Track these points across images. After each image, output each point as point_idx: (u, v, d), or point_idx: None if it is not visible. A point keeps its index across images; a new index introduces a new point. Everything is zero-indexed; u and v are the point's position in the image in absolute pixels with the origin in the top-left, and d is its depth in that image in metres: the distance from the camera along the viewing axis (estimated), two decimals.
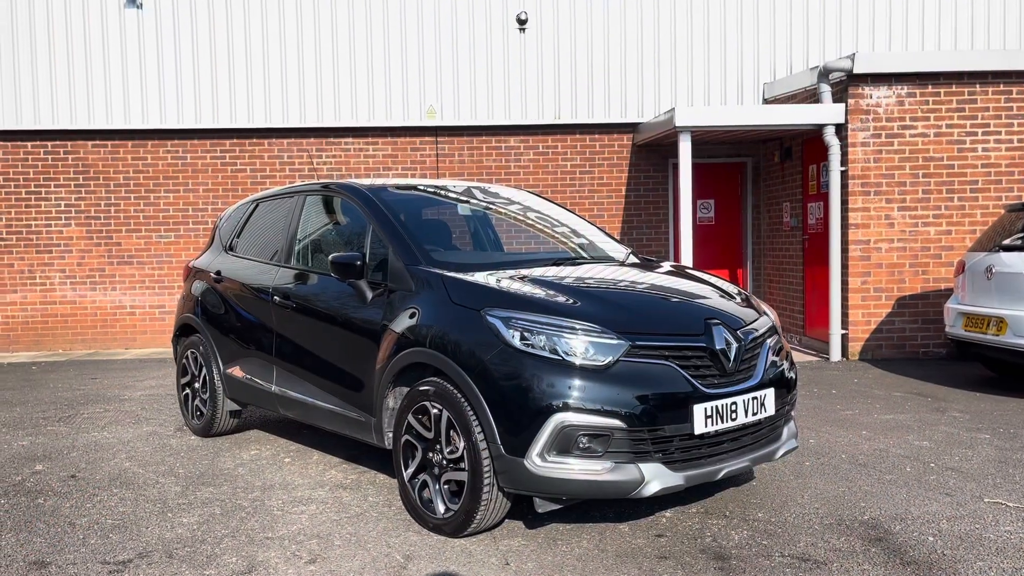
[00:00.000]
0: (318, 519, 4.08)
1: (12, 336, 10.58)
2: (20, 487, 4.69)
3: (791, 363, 4.15)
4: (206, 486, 4.65)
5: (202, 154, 10.59)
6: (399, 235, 4.37)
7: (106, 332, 10.64)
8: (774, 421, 3.94)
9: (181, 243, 10.64)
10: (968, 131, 8.67)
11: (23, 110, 10.34)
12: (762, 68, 10.60)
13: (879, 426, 5.82)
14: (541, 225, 5.35)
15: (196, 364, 5.81)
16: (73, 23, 10.33)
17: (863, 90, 8.64)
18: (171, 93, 10.42)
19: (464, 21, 10.52)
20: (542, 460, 3.44)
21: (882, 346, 8.81)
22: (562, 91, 10.60)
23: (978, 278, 6.99)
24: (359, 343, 4.31)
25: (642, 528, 3.88)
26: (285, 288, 4.95)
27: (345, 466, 5.02)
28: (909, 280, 8.78)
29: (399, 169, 10.70)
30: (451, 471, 3.74)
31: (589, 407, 3.42)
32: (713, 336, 3.71)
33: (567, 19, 10.56)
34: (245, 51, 10.43)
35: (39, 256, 10.56)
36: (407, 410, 3.92)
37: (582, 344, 3.52)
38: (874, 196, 8.72)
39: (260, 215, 5.73)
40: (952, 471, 4.72)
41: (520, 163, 10.71)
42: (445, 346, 3.76)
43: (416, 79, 10.53)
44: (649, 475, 3.46)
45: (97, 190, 10.54)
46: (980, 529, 3.82)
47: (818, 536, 3.76)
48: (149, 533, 3.92)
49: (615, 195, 10.76)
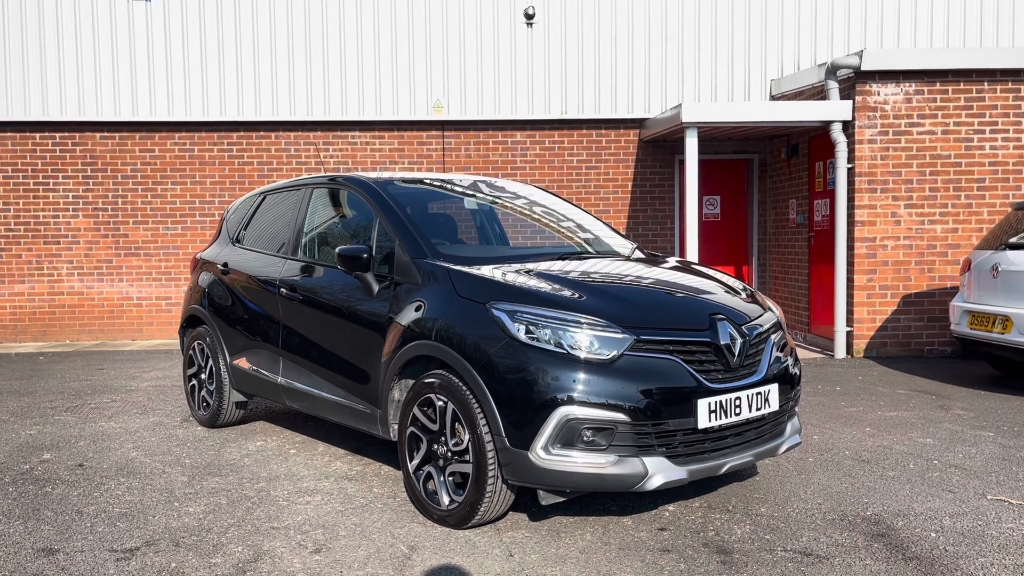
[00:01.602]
0: (323, 510, 4.11)
1: (20, 327, 10.64)
2: (28, 475, 4.73)
3: (795, 359, 4.16)
4: (212, 476, 4.68)
5: (209, 147, 10.62)
6: (406, 228, 4.39)
7: (113, 323, 10.69)
8: (778, 417, 3.95)
9: (188, 235, 10.68)
10: (976, 129, 8.65)
11: (31, 102, 10.38)
12: (769, 64, 10.59)
13: (883, 423, 5.83)
14: (547, 219, 5.36)
15: (203, 355, 5.85)
16: (82, 15, 10.36)
17: (871, 87, 8.62)
18: (179, 86, 10.45)
19: (471, 16, 10.52)
20: (546, 453, 3.46)
21: (887, 344, 8.80)
22: (568, 86, 10.60)
23: (984, 276, 6.98)
24: (365, 335, 4.34)
25: (645, 521, 3.90)
26: (292, 280, 4.98)
27: (350, 457, 5.04)
28: (915, 278, 8.77)
29: (405, 163, 10.72)
30: (456, 463, 3.76)
31: (593, 400, 3.44)
32: (718, 331, 3.72)
33: (574, 14, 10.55)
34: (253, 44, 10.45)
35: (47, 247, 10.61)
36: (412, 402, 3.94)
37: (587, 338, 3.53)
38: (881, 193, 8.71)
39: (267, 207, 5.76)
40: (955, 468, 4.73)
41: (526, 158, 10.71)
42: (451, 339, 3.78)
43: (423, 73, 10.54)
44: (653, 469, 3.48)
45: (105, 182, 10.58)
46: (983, 526, 3.83)
47: (820, 531, 3.77)
48: (156, 522, 3.96)
49: (621, 190, 10.76)
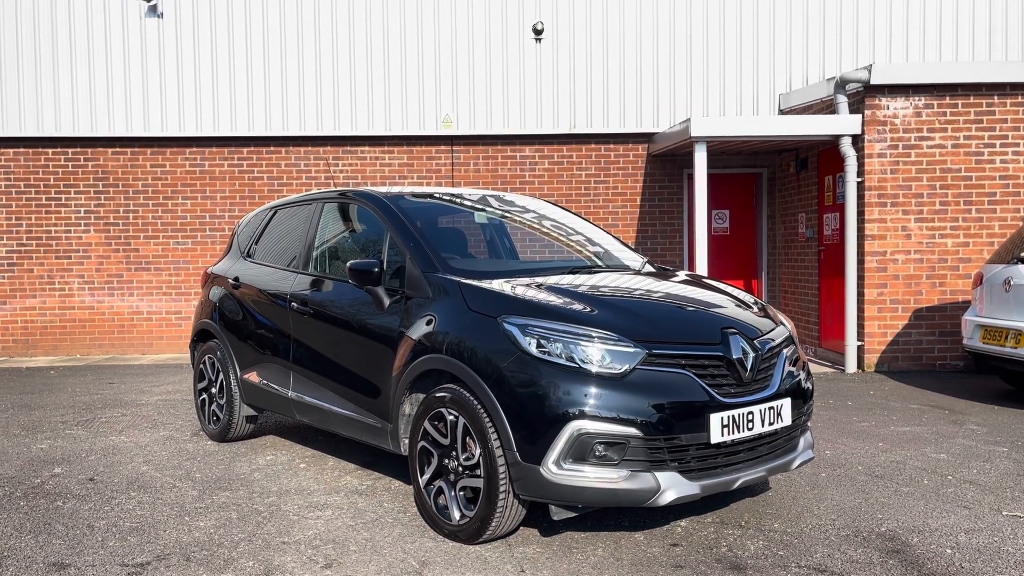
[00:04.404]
0: (334, 524, 4.10)
1: (31, 341, 10.69)
2: (39, 490, 4.74)
3: (808, 373, 4.14)
4: (223, 490, 4.68)
5: (220, 161, 10.68)
6: (416, 242, 4.40)
7: (123, 337, 10.73)
8: (790, 431, 3.93)
9: (198, 250, 10.72)
10: (986, 143, 8.63)
11: (44, 118, 10.47)
12: (778, 78, 10.60)
13: (896, 438, 5.79)
14: (556, 233, 5.37)
15: (213, 369, 5.86)
16: (95, 33, 10.47)
17: (880, 101, 8.62)
18: (190, 101, 10.53)
19: (480, 31, 10.59)
20: (558, 467, 3.45)
21: (899, 358, 8.75)
22: (577, 101, 10.63)
23: (996, 290, 6.95)
24: (376, 349, 4.34)
25: (657, 537, 3.88)
26: (303, 294, 4.99)
27: (361, 472, 5.03)
28: (926, 292, 8.73)
29: (415, 178, 10.75)
30: (467, 478, 3.75)
31: (605, 415, 3.42)
32: (730, 345, 3.71)
33: (583, 29, 10.60)
34: (263, 60, 10.53)
35: (58, 262, 10.67)
36: (423, 416, 3.94)
37: (599, 352, 3.53)
38: (891, 207, 8.68)
39: (278, 222, 5.78)
40: (970, 484, 4.69)
41: (535, 172, 10.74)
42: (462, 353, 3.77)
43: (432, 88, 10.60)
44: (665, 484, 3.46)
45: (116, 196, 10.65)
46: (998, 542, 3.79)
47: (835, 547, 3.74)
48: (167, 536, 3.95)
49: (630, 205, 10.77)
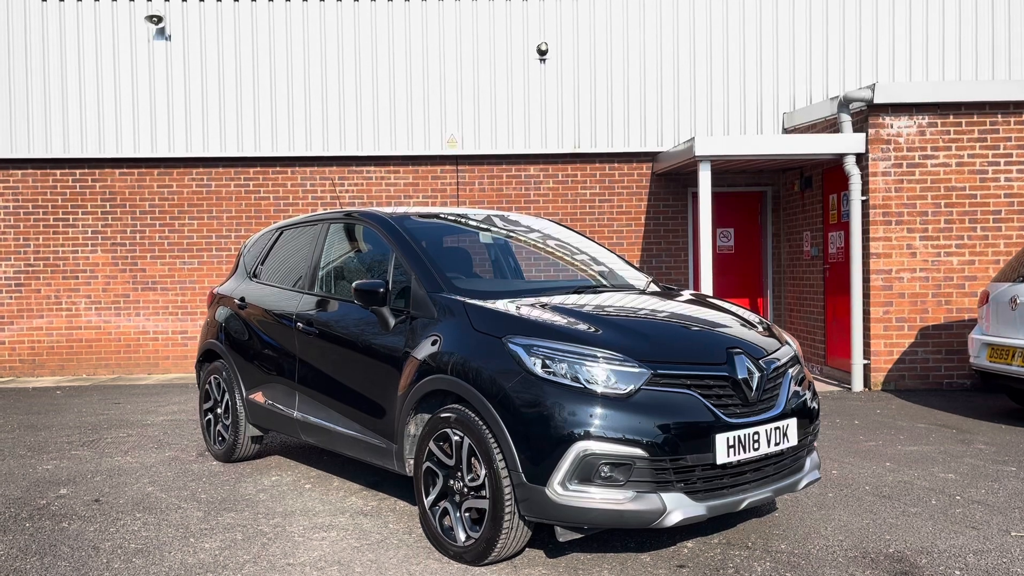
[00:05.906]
0: (339, 546, 4.08)
1: (38, 360, 10.72)
2: (45, 511, 4.74)
3: (814, 393, 4.13)
4: (228, 511, 4.67)
5: (226, 182, 10.75)
6: (422, 263, 4.41)
7: (129, 357, 10.75)
8: (797, 451, 3.91)
9: (204, 270, 10.77)
10: (990, 161, 8.64)
11: (53, 139, 10.56)
12: (781, 97, 10.65)
13: (903, 458, 5.75)
14: (561, 253, 5.38)
15: (219, 389, 5.86)
16: (103, 55, 10.57)
17: (884, 120, 8.65)
18: (197, 122, 10.61)
19: (485, 52, 10.67)
20: (563, 488, 3.43)
21: (905, 377, 8.72)
22: (581, 120, 10.68)
23: (1002, 308, 6.93)
24: (381, 370, 4.34)
25: (664, 558, 3.85)
26: (308, 315, 5.00)
27: (366, 493, 5.02)
28: (932, 310, 8.71)
29: (420, 197, 10.80)
30: (472, 499, 3.74)
31: (611, 436, 3.42)
32: (735, 365, 3.70)
33: (587, 49, 10.67)
34: (270, 81, 10.62)
35: (65, 282, 10.72)
36: (428, 437, 3.93)
37: (604, 372, 3.52)
38: (896, 226, 8.69)
39: (284, 242, 5.81)
40: (978, 504, 4.65)
41: (540, 191, 10.77)
42: (467, 373, 3.78)
43: (437, 108, 10.67)
44: (671, 505, 3.44)
45: (123, 217, 10.71)
46: (1007, 563, 3.76)
47: (842, 569, 3.71)
48: (172, 558, 3.94)
49: (634, 223, 10.79)
